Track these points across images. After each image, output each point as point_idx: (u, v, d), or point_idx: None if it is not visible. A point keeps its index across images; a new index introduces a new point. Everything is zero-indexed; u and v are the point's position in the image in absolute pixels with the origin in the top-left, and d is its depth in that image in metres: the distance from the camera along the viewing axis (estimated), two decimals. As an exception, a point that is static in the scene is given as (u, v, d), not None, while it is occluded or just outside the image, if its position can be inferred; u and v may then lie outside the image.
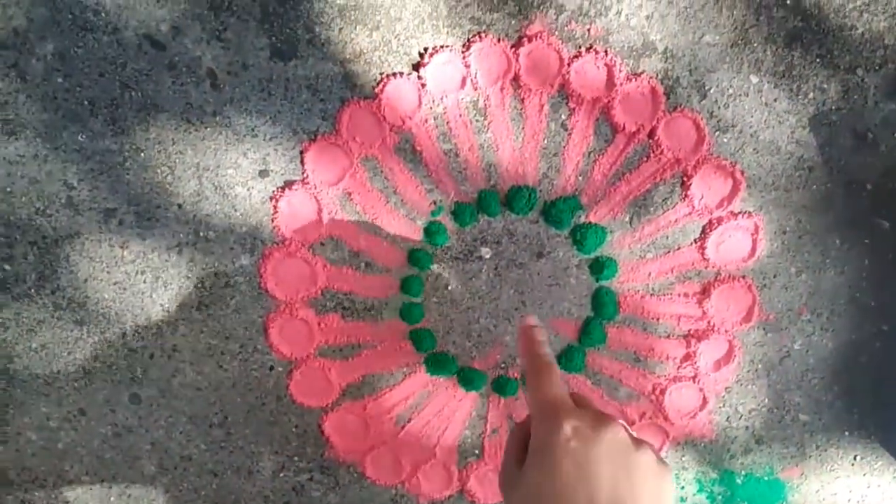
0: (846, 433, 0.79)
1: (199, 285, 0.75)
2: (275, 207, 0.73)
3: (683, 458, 0.80)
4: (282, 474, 0.81)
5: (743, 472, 0.80)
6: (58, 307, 0.76)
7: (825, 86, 0.70)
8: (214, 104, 0.70)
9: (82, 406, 0.79)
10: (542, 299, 0.76)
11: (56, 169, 0.72)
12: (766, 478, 0.80)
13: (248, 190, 0.73)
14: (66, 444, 0.80)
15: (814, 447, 0.79)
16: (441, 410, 0.80)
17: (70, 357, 0.77)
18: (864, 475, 0.80)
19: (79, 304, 0.76)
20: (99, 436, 0.80)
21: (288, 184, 0.73)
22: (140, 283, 0.75)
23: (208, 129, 0.71)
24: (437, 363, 0.78)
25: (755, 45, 0.69)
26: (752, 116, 0.70)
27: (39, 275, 0.75)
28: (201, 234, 0.74)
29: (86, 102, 0.70)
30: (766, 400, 0.78)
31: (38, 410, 0.79)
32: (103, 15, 0.68)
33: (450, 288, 0.74)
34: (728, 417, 0.78)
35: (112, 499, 0.82)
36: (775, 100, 0.70)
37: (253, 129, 0.71)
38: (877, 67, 0.69)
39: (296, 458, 0.81)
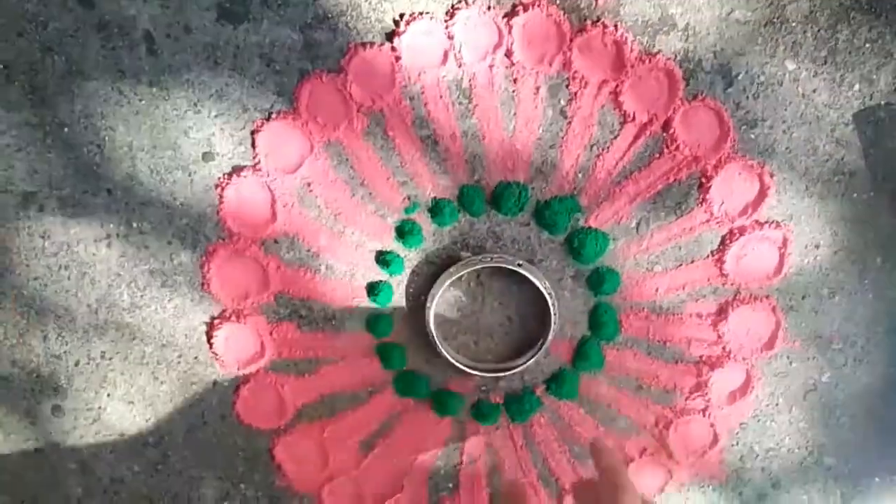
0: (877, 480, 0.74)
1: (132, 284, 0.68)
2: (220, 197, 0.66)
3: (688, 502, 0.74)
4: (226, 503, 0.73)
5: (755, 519, 0.74)
6: (-31, 304, 0.68)
7: (874, 76, 0.63)
8: (151, 73, 0.62)
9: (-2, 418, 0.71)
10: (530, 315, 0.69)
11: (-34, 143, 0.64)
12: (781, 527, 0.75)
13: (190, 175, 0.65)
14: (-20, 460, 0.72)
15: (838, 495, 0.74)
16: (411, 437, 0.73)
17: (-16, 361, 0.69)
18: (895, 529, 0.73)
19: (-7, 301, 0.68)
20: (18, 452, 0.73)
21: (236, 169, 0.65)
22: (64, 280, 0.68)
23: (143, 101, 0.63)
24: (408, 383, 0.71)
25: (793, 24, 0.62)
26: (785, 109, 0.64)
27: (-52, 266, 0.67)
28: (134, 224, 0.66)
29: (1, 67, 0.62)
30: (787, 439, 0.72)
31: (-52, 421, 0.71)
32: (25, -36, 0.60)
33: (424, 298, 0.67)
34: (742, 457, 0.72)
35: (37, 521, 0.74)
36: (814, 91, 0.63)
37: (196, 104, 0.64)
38: (938, 56, 0.61)
39: (242, 486, 0.73)
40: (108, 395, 0.71)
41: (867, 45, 0.62)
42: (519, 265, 0.64)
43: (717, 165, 0.65)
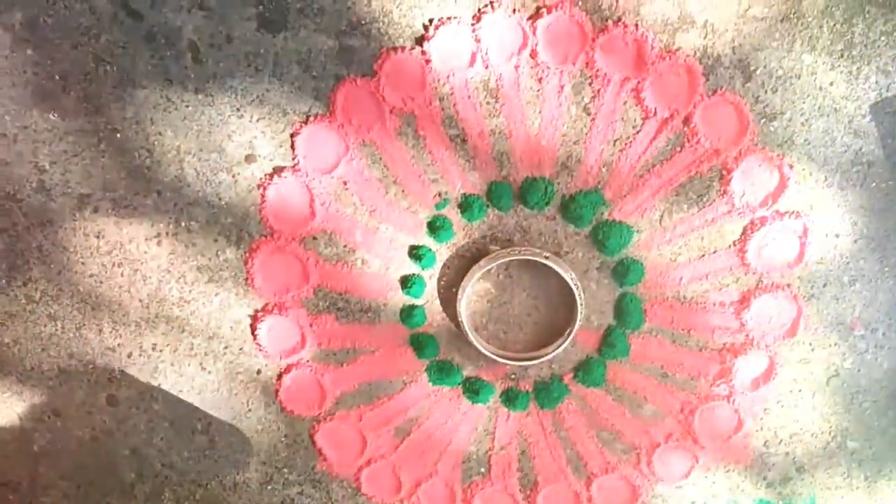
0: None
1: (181, 279, 0.71)
2: (262, 196, 0.68)
3: (714, 486, 0.74)
4: (269, 486, 0.76)
5: (780, 503, 0.75)
6: (30, 300, 0.71)
7: (889, 68, 0.63)
8: (196, 80, 0.65)
9: (57, 406, 0.74)
10: (557, 306, 0.70)
11: (26, 150, 0.67)
12: (806, 510, 0.75)
13: (234, 176, 0.68)
14: (41, 447, 0.76)
15: (862, 478, 0.74)
16: (444, 423, 0.74)
17: (44, 354, 0.73)
18: (919, 511, 0.73)
19: (52, 297, 0.71)
20: (75, 439, 0.76)
21: (277, 170, 0.67)
22: (117, 276, 0.70)
23: (189, 108, 0.66)
24: (441, 372, 0.73)
25: (809, 19, 0.62)
26: (803, 102, 0.64)
27: (10, 265, 0.70)
28: (183, 223, 0.69)
29: (57, 77, 0.65)
30: (810, 424, 0.73)
31: (11, 410, 0.75)
32: (78, -20, 0.63)
33: (455, 290, 0.68)
34: (766, 442, 0.73)
35: (92, 505, 0.78)
36: (831, 83, 0.64)
37: (238, 109, 0.66)
38: (954, 47, 0.61)
39: (285, 470, 0.76)
40: (159, 384, 0.73)
41: (882, 38, 0.62)
42: (546, 257, 0.66)
43: (738, 158, 0.66)
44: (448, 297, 0.70)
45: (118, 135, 0.67)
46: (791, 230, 0.67)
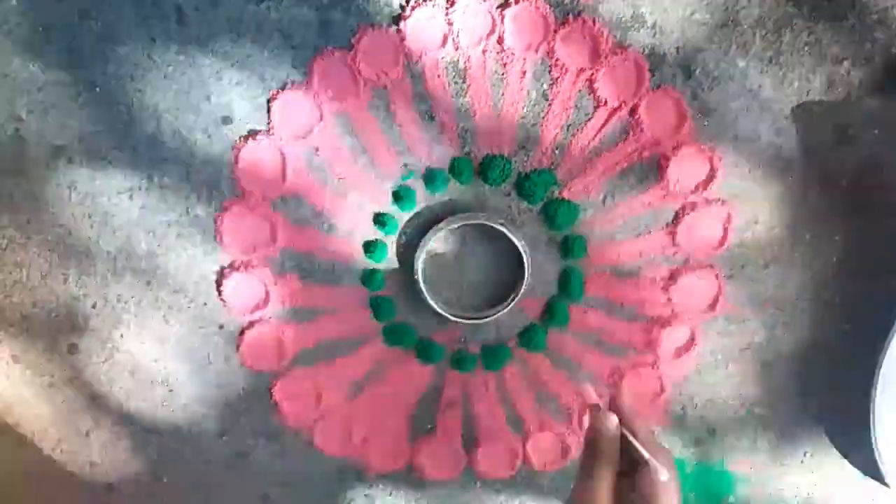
0: (799, 430, 0.79)
1: (150, 234, 0.72)
2: (236, 158, 0.70)
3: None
4: (225, 438, 0.78)
5: (694, 462, 0.80)
6: (-4, 246, 0.72)
7: (811, 76, 0.69)
8: (179, 42, 0.67)
9: (16, 353, 0.75)
10: (508, 275, 0.74)
11: (3, 98, 0.68)
12: (716, 469, 0.80)
13: (209, 137, 0.70)
14: (-2, 393, 0.76)
15: (766, 441, 0.79)
16: (396, 382, 0.78)
17: (7, 300, 0.74)
18: (813, 473, 0.80)
19: (20, 244, 0.72)
20: (33, 386, 0.76)
21: (252, 133, 0.70)
22: (87, 228, 0.72)
23: (170, 68, 0.68)
24: (396, 333, 0.76)
25: (745, 27, 0.68)
26: (734, 102, 0.70)
27: (-22, 210, 0.70)
28: (155, 179, 0.71)
29: (40, 29, 0.66)
30: (723, 391, 0.78)
31: (-32, 355, 0.75)
32: (64, -64, 0.64)
33: (414, 256, 0.72)
34: (683, 406, 0.78)
35: (45, 452, 0.79)
36: (760, 86, 0.69)
37: (218, 72, 0.68)
38: (863, 62, 0.68)
39: (241, 422, 0.78)
40: (122, 335, 0.75)
41: (806, 48, 0.68)
42: (501, 224, 0.70)
43: (675, 148, 0.70)
44: (407, 262, 0.73)
45: (97, 89, 0.68)
46: (717, 216, 0.72)
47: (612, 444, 0.51)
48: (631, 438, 0.51)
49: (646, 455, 0.50)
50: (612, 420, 0.52)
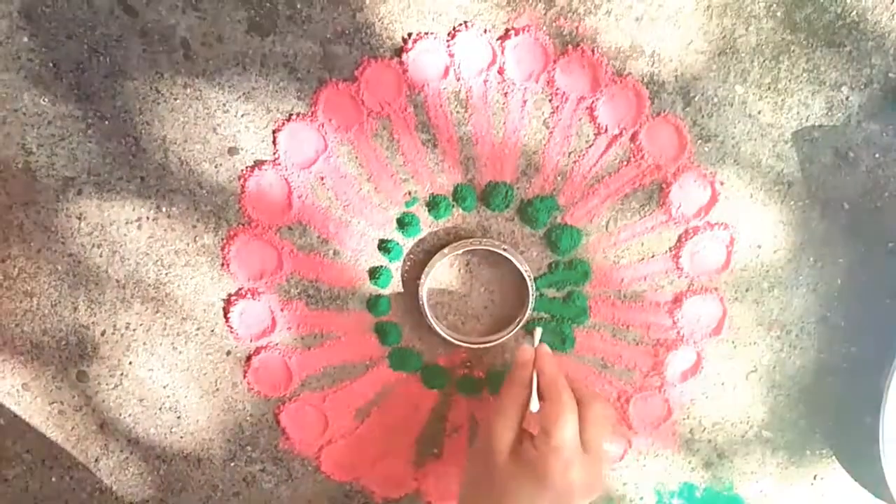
0: (807, 452, 0.79)
1: (158, 262, 0.73)
2: (243, 187, 0.71)
3: (645, 468, 0.80)
4: (233, 464, 0.79)
5: (703, 486, 0.80)
6: (7, 276, 0.73)
7: (809, 101, 0.70)
8: (186, 75, 0.68)
9: (27, 381, 0.76)
10: (513, 300, 0.75)
11: (14, 132, 0.69)
12: (725, 492, 0.80)
13: (216, 167, 0.71)
14: (8, 420, 0.77)
15: (774, 464, 0.79)
16: (402, 407, 0.78)
17: (17, 329, 0.74)
18: (823, 496, 0.80)
19: (30, 274, 0.73)
20: (43, 413, 0.77)
21: (258, 163, 0.71)
22: (96, 257, 0.73)
23: (178, 101, 0.69)
24: (402, 358, 0.77)
25: (742, 55, 0.69)
26: (734, 127, 0.70)
27: (-10, 241, 0.72)
28: (163, 209, 0.72)
29: (51, 64, 0.68)
30: (731, 414, 0.78)
31: (-20, 383, 0.76)
32: (75, -26, 0.66)
33: (419, 282, 0.73)
34: (691, 430, 0.78)
35: (54, 479, 0.79)
36: (759, 112, 0.70)
37: (224, 105, 0.69)
38: (862, 87, 0.69)
39: (248, 448, 0.78)
40: (130, 362, 0.75)
41: (804, 74, 0.69)
42: (504, 249, 0.70)
43: (676, 173, 0.71)
44: (412, 288, 0.74)
45: (106, 122, 0.69)
46: (720, 240, 0.73)
47: (521, 371, 0.65)
48: (534, 376, 0.63)
49: (534, 386, 0.63)
50: (525, 351, 0.67)
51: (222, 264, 0.73)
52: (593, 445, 0.63)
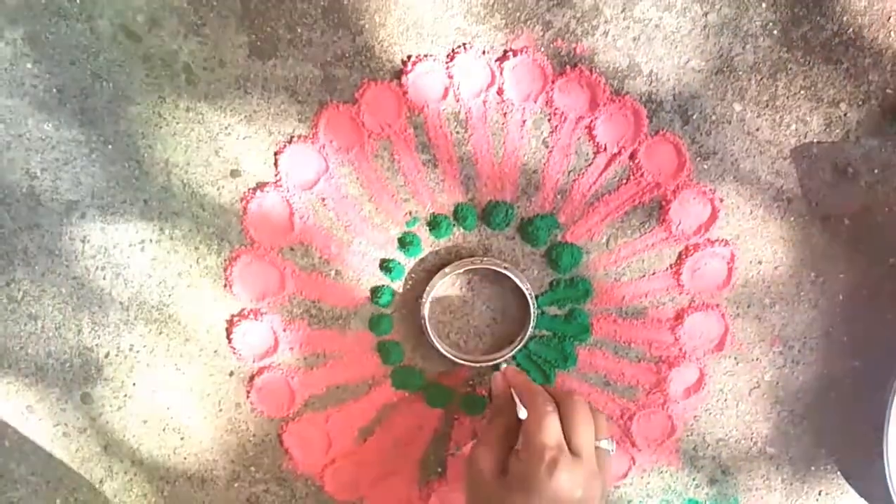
0: (812, 468, 0.79)
1: (162, 284, 0.73)
2: (245, 209, 0.72)
3: (648, 486, 0.79)
4: (236, 484, 0.78)
5: (707, 503, 0.79)
6: (12, 300, 0.73)
7: (807, 118, 0.70)
8: (188, 99, 0.69)
9: (31, 403, 0.76)
10: (514, 318, 0.75)
11: (19, 157, 0.70)
12: (730, 509, 0.80)
13: (218, 189, 0.71)
14: (13, 442, 0.77)
15: (779, 480, 0.79)
16: (405, 426, 0.78)
17: (22, 352, 0.75)
18: (828, 511, 0.80)
19: (34, 297, 0.73)
20: (47, 435, 0.77)
21: (260, 185, 0.71)
22: (100, 280, 0.73)
23: (180, 124, 0.69)
24: (404, 377, 0.77)
25: (740, 73, 0.69)
26: (733, 144, 0.71)
27: (-6, 265, 0.72)
28: (166, 231, 0.72)
29: (54, 90, 0.68)
30: (734, 431, 0.77)
31: (-15, 406, 0.76)
32: (78, 2, 0.66)
33: (420, 301, 0.73)
34: (695, 446, 0.78)
35: (58, 501, 0.79)
36: (757, 129, 0.70)
37: (226, 128, 0.70)
38: (860, 103, 0.69)
39: (252, 468, 0.78)
40: (134, 384, 0.76)
41: (802, 92, 0.69)
42: (505, 267, 0.71)
43: (675, 191, 0.71)
44: (414, 307, 0.74)
45: (110, 146, 0.70)
46: (720, 256, 0.73)
47: (500, 396, 0.67)
48: (512, 392, 0.64)
49: (516, 399, 0.62)
50: (496, 377, 0.69)
51: (225, 285, 0.74)
52: (582, 447, 0.61)
